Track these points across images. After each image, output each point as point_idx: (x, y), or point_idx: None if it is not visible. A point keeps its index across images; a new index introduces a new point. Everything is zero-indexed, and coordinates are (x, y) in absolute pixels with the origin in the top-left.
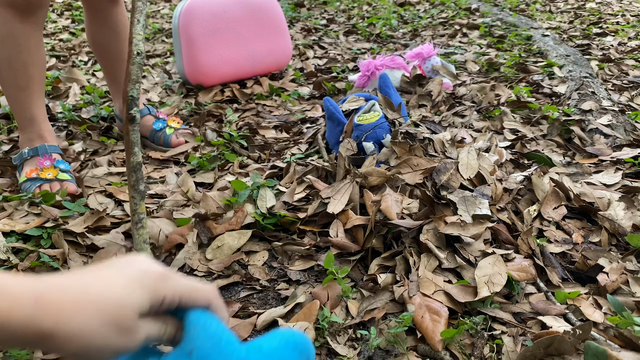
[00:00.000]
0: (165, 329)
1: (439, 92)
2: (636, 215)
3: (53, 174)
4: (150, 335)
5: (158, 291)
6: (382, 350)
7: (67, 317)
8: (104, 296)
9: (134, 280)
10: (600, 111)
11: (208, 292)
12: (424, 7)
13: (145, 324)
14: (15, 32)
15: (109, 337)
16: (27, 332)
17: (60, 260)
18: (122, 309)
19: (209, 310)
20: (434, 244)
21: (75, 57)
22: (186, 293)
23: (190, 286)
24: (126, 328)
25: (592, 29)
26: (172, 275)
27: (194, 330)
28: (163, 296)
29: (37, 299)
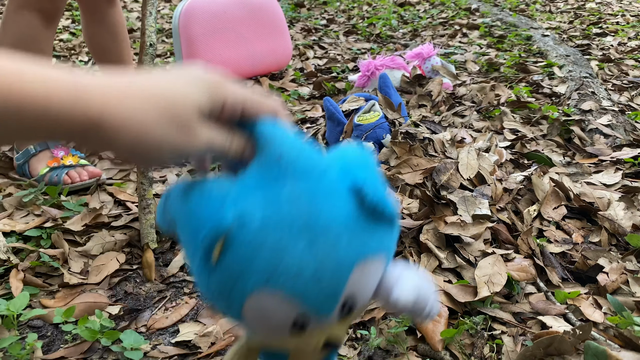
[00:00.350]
0: (231, 140)
1: (439, 92)
2: (636, 215)
3: (74, 161)
4: (213, 142)
5: (218, 92)
6: (382, 350)
7: (115, 103)
8: (157, 88)
9: (191, 79)
10: (600, 111)
11: (274, 101)
12: (424, 7)
13: (207, 128)
14: (39, 37)
15: (166, 130)
16: (73, 119)
17: (60, 260)
18: (179, 103)
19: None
20: (434, 243)
21: (76, 57)
22: (250, 100)
23: (253, 94)
24: (185, 124)
25: (592, 29)
26: (233, 81)
27: (275, 138)
28: (224, 98)
29: (77, 85)
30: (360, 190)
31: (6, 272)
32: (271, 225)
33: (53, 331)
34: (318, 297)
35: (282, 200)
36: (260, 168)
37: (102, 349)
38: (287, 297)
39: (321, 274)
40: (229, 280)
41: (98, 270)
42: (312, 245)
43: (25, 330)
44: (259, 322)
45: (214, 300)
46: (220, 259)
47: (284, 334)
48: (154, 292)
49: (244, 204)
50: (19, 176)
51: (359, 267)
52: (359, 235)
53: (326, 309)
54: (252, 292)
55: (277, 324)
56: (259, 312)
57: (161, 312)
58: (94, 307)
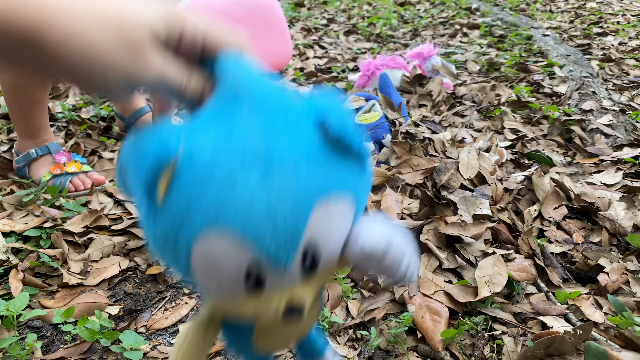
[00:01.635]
0: (188, 77)
1: (439, 91)
2: (636, 215)
3: (76, 167)
4: (166, 74)
5: (176, 20)
6: (382, 350)
7: (56, 16)
8: (108, 6)
9: (147, 2)
10: (600, 111)
11: (239, 35)
12: (424, 6)
13: (161, 58)
14: None
15: (113, 50)
16: (9, 31)
17: (60, 260)
18: (131, 22)
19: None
20: (434, 244)
21: None
22: (212, 33)
23: (216, 24)
24: (135, 46)
25: (592, 28)
26: (195, 14)
27: (234, 71)
28: (181, 27)
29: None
30: (324, 121)
31: (6, 273)
32: (221, 158)
33: (52, 331)
34: (272, 239)
35: (236, 132)
36: (217, 103)
37: (101, 349)
38: (237, 239)
39: (276, 210)
40: (174, 222)
41: (98, 273)
42: (265, 177)
43: (25, 331)
44: (209, 275)
45: (161, 253)
46: (166, 198)
47: (239, 292)
48: (153, 293)
49: (194, 137)
50: (18, 178)
51: (321, 207)
52: (321, 169)
53: (283, 256)
54: (199, 234)
55: (229, 276)
56: (208, 261)
57: (161, 312)
58: (93, 308)
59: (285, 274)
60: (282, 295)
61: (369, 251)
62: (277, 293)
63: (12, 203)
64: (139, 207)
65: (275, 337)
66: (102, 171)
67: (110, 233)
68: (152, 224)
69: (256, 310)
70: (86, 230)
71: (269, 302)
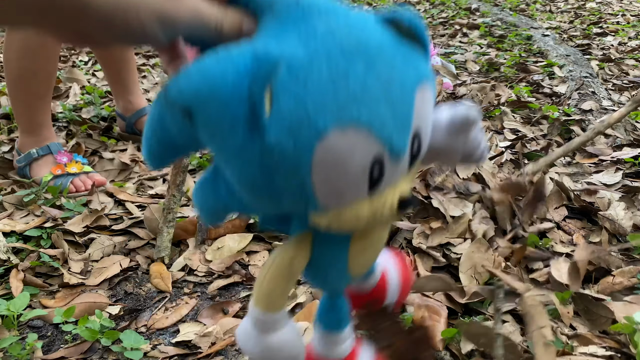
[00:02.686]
0: (224, 13)
1: (439, 92)
2: (636, 215)
3: (77, 168)
4: (201, 12)
5: None
6: None
7: None
8: None
9: None
10: (600, 111)
11: None
12: (424, 7)
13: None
14: (47, 43)
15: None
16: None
17: (60, 260)
18: None
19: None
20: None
21: (76, 57)
22: None
23: None
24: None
25: (592, 28)
26: None
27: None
28: None
29: None
30: (394, 17)
31: (6, 272)
32: (321, 56)
33: (53, 331)
34: (393, 124)
35: (320, 34)
36: (276, 20)
37: (102, 349)
38: (362, 130)
39: (390, 96)
40: (292, 130)
41: (99, 272)
42: (370, 67)
43: (26, 331)
44: (334, 179)
45: (267, 179)
46: (273, 110)
47: (361, 191)
48: (154, 292)
49: (278, 46)
50: (19, 178)
51: (419, 92)
52: (410, 58)
53: (402, 142)
54: (323, 134)
55: (355, 174)
56: (333, 161)
57: (161, 312)
58: (94, 307)
59: (400, 163)
60: (395, 192)
61: (460, 120)
62: (390, 191)
63: (12, 203)
64: (227, 141)
65: (367, 253)
66: (103, 171)
67: (111, 233)
68: (258, 150)
69: (372, 210)
70: (87, 230)
71: (384, 199)
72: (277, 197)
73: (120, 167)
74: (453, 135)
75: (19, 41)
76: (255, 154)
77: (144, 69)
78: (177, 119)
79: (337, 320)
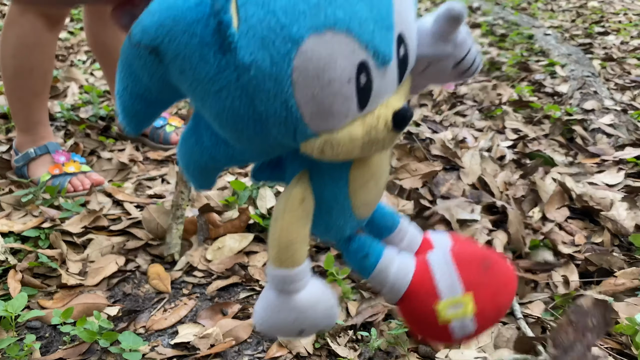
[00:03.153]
0: None
1: (440, 91)
2: (639, 215)
3: (75, 167)
4: None
5: None
6: (382, 351)
7: None
8: None
9: None
10: (602, 111)
11: None
12: (425, 5)
13: None
14: (43, 40)
15: None
16: None
17: (58, 261)
18: None
19: None
20: None
21: (74, 57)
22: None
23: None
24: None
25: (594, 27)
26: None
27: None
28: None
29: None
30: None
31: (4, 273)
32: None
33: (51, 332)
34: (375, 26)
35: None
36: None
37: (100, 350)
38: (342, 36)
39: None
40: (263, 43)
41: (97, 273)
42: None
43: (24, 331)
44: (318, 94)
45: (249, 108)
46: (241, 23)
47: (351, 107)
48: (152, 293)
49: None
50: (17, 177)
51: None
52: None
53: (385, 45)
54: (297, 44)
55: (340, 85)
56: (314, 74)
57: (160, 313)
58: (92, 308)
59: (387, 71)
60: (386, 106)
61: (444, 16)
62: (381, 105)
63: (10, 203)
64: (200, 73)
65: (370, 186)
66: (101, 171)
67: (109, 233)
68: (232, 70)
69: (366, 129)
70: (85, 230)
71: (377, 115)
72: (263, 129)
73: (119, 166)
74: (440, 39)
75: (15, 38)
76: (230, 80)
77: None
78: (146, 62)
79: (370, 251)
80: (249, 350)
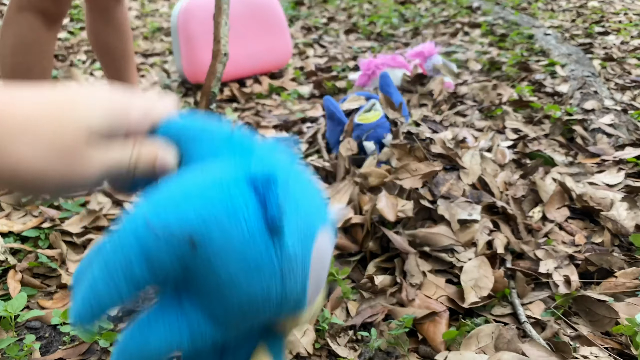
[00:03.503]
0: (136, 151)
1: (440, 91)
2: (639, 215)
3: None
4: (111, 164)
5: (120, 107)
6: (382, 352)
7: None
8: (38, 111)
9: (83, 99)
10: (602, 110)
11: (171, 100)
12: (425, 5)
13: (103, 151)
14: (41, 39)
15: (45, 161)
16: None
17: (58, 261)
18: (65, 123)
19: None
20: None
21: (74, 56)
22: (154, 105)
23: (154, 97)
24: (71, 152)
25: (594, 27)
26: (132, 93)
27: (204, 132)
28: (126, 113)
29: None
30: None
31: (4, 273)
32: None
33: (51, 332)
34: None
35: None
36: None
37: (100, 350)
38: (327, 229)
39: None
40: (299, 232)
41: None
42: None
43: (23, 332)
44: (320, 271)
45: (279, 288)
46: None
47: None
48: (152, 293)
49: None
50: None
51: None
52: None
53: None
54: (316, 236)
55: (328, 265)
56: (320, 257)
57: None
58: None
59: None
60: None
61: None
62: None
63: (10, 203)
64: (246, 255)
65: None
66: None
67: None
68: (277, 250)
69: (322, 298)
70: (85, 230)
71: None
72: (276, 308)
73: None
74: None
75: (13, 37)
76: (273, 262)
77: (142, 68)
78: (177, 253)
79: None
80: None
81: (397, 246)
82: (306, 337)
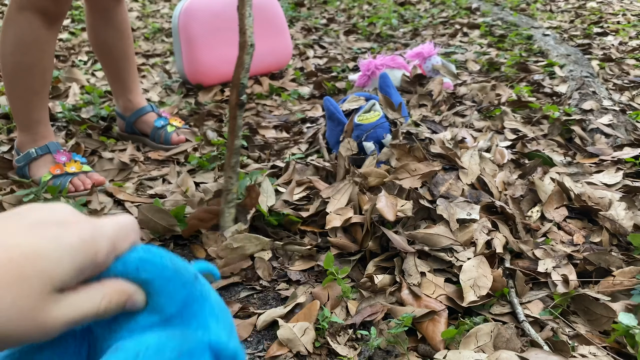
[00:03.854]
0: (107, 297)
1: (439, 91)
2: (637, 215)
3: (76, 167)
4: (78, 317)
5: (88, 249)
6: (382, 350)
7: None
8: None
9: (48, 242)
10: (601, 111)
11: (132, 223)
12: (424, 6)
13: (72, 302)
14: (41, 38)
15: (6, 322)
16: None
17: None
18: (25, 278)
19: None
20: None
21: (75, 57)
22: (120, 235)
23: (117, 224)
24: (34, 311)
25: (592, 28)
26: (99, 220)
27: (176, 277)
28: (94, 255)
29: None
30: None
31: None
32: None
33: None
34: None
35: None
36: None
37: None
38: None
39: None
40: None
41: None
42: None
43: None
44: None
45: None
46: None
47: None
48: None
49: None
50: (18, 177)
51: None
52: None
53: None
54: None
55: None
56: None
57: None
58: None
59: None
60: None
61: None
62: None
63: (12, 203)
64: None
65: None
66: (102, 171)
67: None
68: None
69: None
70: None
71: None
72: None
73: (120, 166)
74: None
75: (13, 36)
76: None
77: (143, 69)
78: None
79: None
80: (249, 349)
81: (397, 245)
82: (306, 336)
